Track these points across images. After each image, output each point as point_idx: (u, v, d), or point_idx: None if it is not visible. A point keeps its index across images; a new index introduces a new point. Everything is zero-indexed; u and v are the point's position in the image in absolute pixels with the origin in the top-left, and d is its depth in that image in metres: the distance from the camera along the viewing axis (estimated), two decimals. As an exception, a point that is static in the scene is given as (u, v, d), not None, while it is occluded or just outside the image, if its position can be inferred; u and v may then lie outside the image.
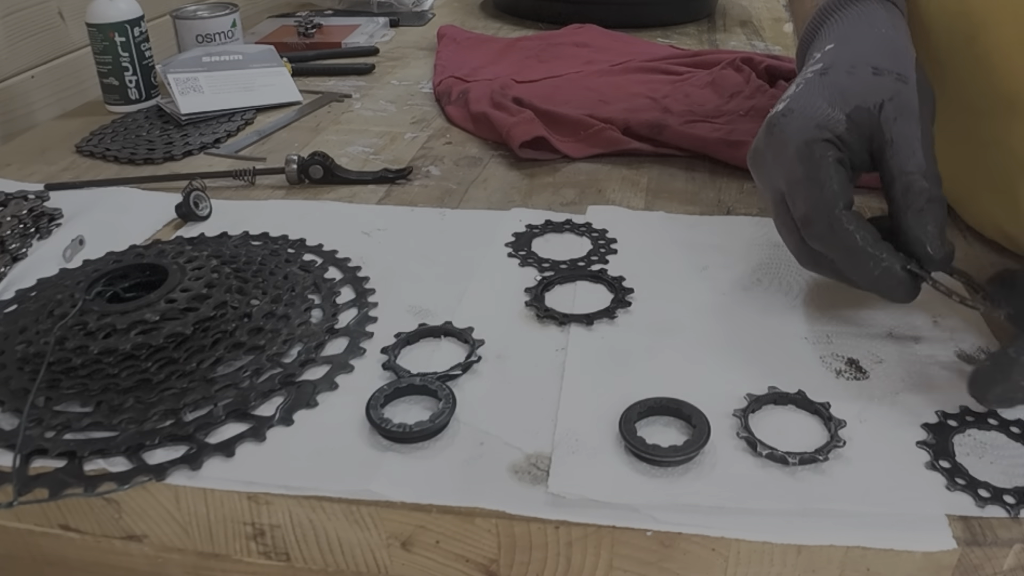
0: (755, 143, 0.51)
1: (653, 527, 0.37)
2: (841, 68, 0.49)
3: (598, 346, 0.49)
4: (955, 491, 0.39)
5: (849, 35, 0.52)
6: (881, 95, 0.47)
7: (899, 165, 0.46)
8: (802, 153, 0.46)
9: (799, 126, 0.47)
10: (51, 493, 0.40)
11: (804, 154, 0.46)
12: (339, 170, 0.72)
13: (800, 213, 0.46)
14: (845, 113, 0.47)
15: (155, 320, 0.46)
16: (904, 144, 0.46)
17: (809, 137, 0.46)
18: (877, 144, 0.47)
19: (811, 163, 0.46)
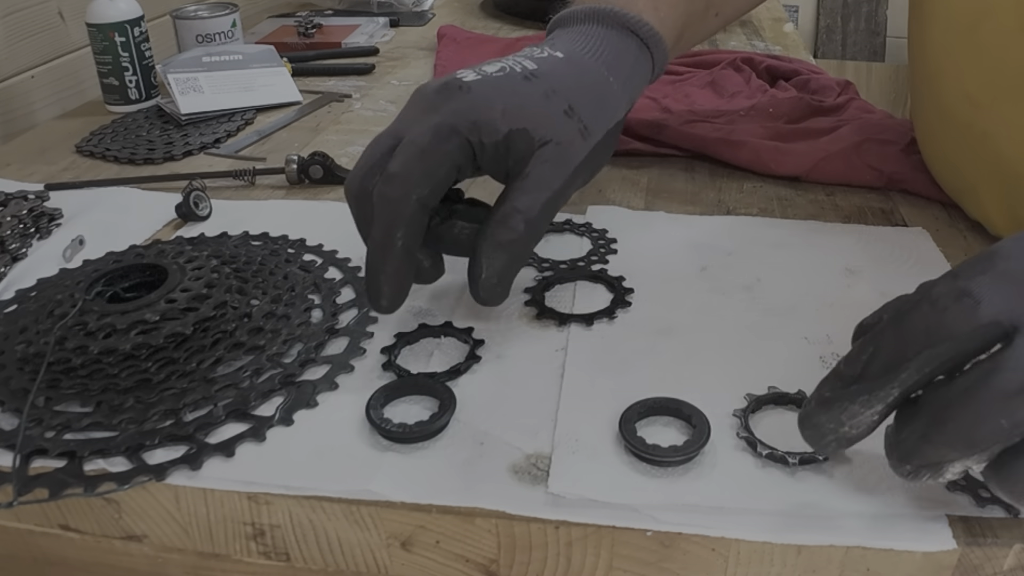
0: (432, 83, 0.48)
1: (653, 527, 0.37)
2: (543, 86, 0.47)
3: (598, 346, 0.49)
4: (955, 492, 0.39)
5: (580, 57, 0.51)
6: (552, 135, 0.46)
7: (516, 198, 0.45)
8: (442, 129, 0.45)
9: (465, 108, 0.45)
10: (51, 493, 0.40)
11: (443, 132, 0.45)
12: (339, 170, 0.72)
13: (392, 168, 0.44)
14: (508, 129, 0.45)
15: (155, 320, 0.46)
16: (534, 186, 0.45)
17: (463, 123, 0.45)
18: (516, 170, 0.46)
19: (441, 141, 0.44)
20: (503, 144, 0.45)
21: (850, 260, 0.57)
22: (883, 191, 0.69)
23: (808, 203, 0.67)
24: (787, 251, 0.59)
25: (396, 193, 0.44)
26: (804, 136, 0.75)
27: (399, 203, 0.44)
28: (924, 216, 0.65)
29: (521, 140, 0.45)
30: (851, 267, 0.57)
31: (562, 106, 0.47)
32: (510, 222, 0.44)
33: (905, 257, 0.58)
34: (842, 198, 0.68)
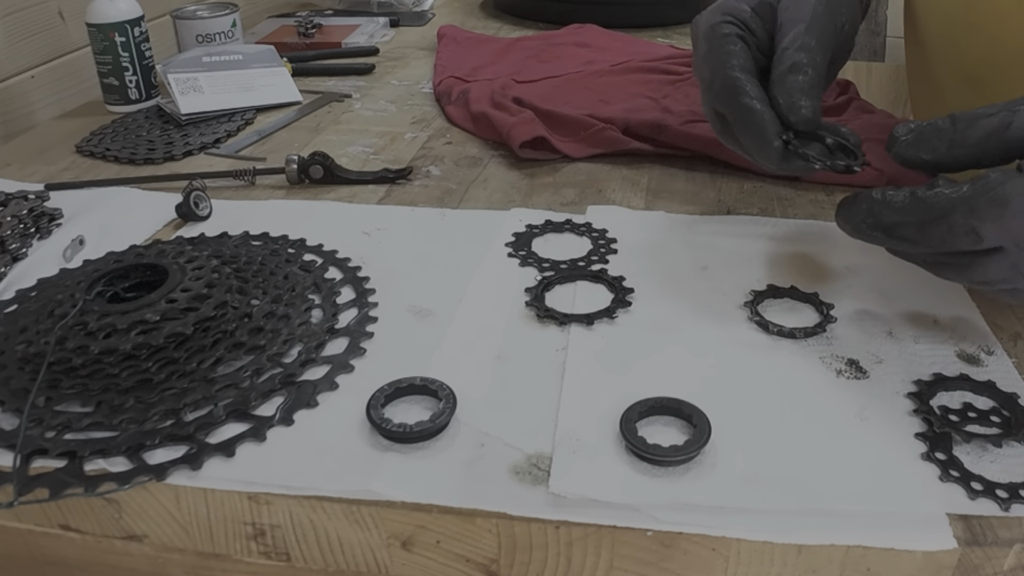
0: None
1: (654, 527, 0.37)
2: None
3: (598, 346, 0.49)
4: (948, 482, 0.39)
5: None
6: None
7: (780, 42, 0.52)
8: (707, 33, 0.54)
9: (709, 16, 0.56)
10: (51, 493, 0.40)
11: (708, 34, 0.54)
12: (339, 170, 0.72)
13: (705, 78, 0.54)
14: (750, 6, 0.55)
15: (155, 320, 0.46)
16: (789, 26, 0.53)
17: (715, 21, 0.55)
18: (773, 28, 0.54)
19: (713, 38, 0.54)
20: (755, 17, 0.54)
21: (850, 260, 0.58)
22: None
23: (808, 203, 0.67)
24: (787, 251, 0.59)
25: (719, 83, 0.52)
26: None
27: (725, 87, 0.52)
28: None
29: (764, 7, 0.54)
30: (850, 267, 0.57)
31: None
32: (782, 58, 0.51)
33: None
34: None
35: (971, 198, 0.40)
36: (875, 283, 0.55)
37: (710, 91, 0.53)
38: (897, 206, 0.44)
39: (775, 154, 0.50)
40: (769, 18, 0.54)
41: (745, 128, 0.51)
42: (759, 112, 0.50)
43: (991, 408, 0.44)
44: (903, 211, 0.43)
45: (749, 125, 0.51)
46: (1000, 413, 0.44)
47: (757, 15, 0.54)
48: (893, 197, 0.44)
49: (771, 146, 0.50)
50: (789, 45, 0.51)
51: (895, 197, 0.44)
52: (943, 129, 0.43)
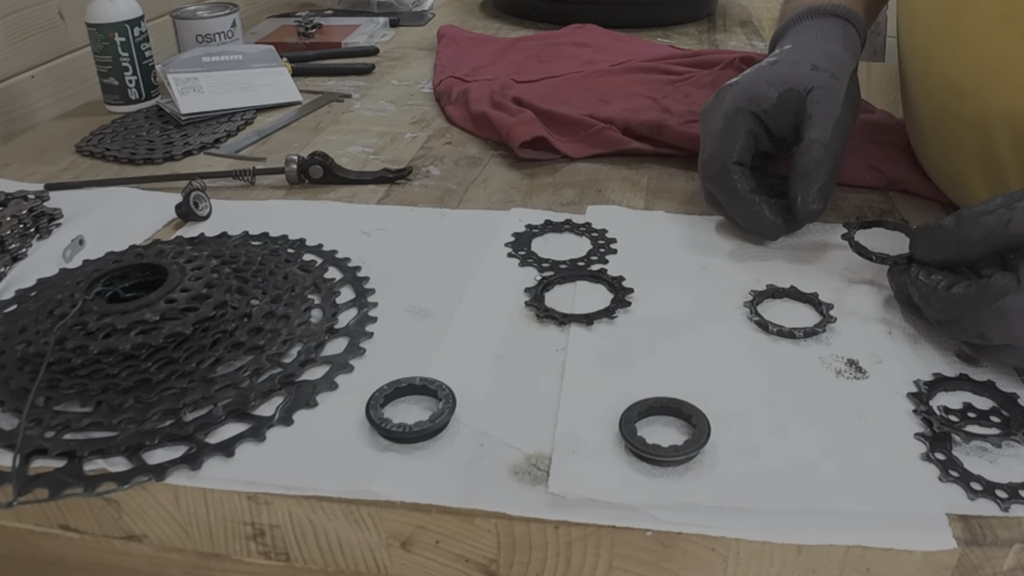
0: (706, 102, 0.62)
1: (653, 527, 0.37)
2: (787, 62, 0.60)
3: (598, 346, 0.49)
4: (947, 483, 0.39)
5: (804, 41, 0.64)
6: (812, 83, 0.58)
7: (808, 134, 0.56)
8: (727, 114, 0.58)
9: (736, 95, 0.59)
10: (51, 493, 0.40)
11: (728, 115, 0.58)
12: (339, 170, 0.72)
13: (705, 157, 0.59)
14: (778, 92, 0.58)
15: (155, 320, 0.46)
16: (819, 120, 0.56)
17: (739, 105, 0.58)
18: (799, 120, 0.58)
19: (728, 123, 0.58)
20: (779, 106, 0.58)
21: (849, 260, 0.57)
22: (883, 191, 0.69)
23: (808, 203, 0.67)
24: (787, 251, 0.59)
25: (713, 171, 0.58)
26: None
27: (719, 178, 0.58)
28: (924, 216, 0.65)
29: (791, 96, 0.57)
30: (850, 267, 0.57)
31: (808, 66, 0.59)
32: (810, 151, 0.56)
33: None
34: (842, 198, 0.68)
35: (976, 306, 0.44)
36: (875, 283, 0.55)
37: (706, 171, 0.59)
38: (919, 293, 0.48)
39: (775, 232, 0.58)
40: (793, 105, 0.58)
41: (738, 212, 0.58)
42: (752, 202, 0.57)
43: (991, 408, 0.44)
44: (924, 301, 0.47)
45: (742, 210, 0.58)
46: (1000, 413, 0.44)
47: (782, 102, 0.58)
48: (922, 284, 0.47)
49: (768, 225, 0.57)
50: (818, 139, 0.56)
51: (923, 285, 0.47)
52: (950, 230, 0.46)
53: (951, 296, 0.45)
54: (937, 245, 0.47)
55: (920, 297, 0.48)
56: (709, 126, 0.60)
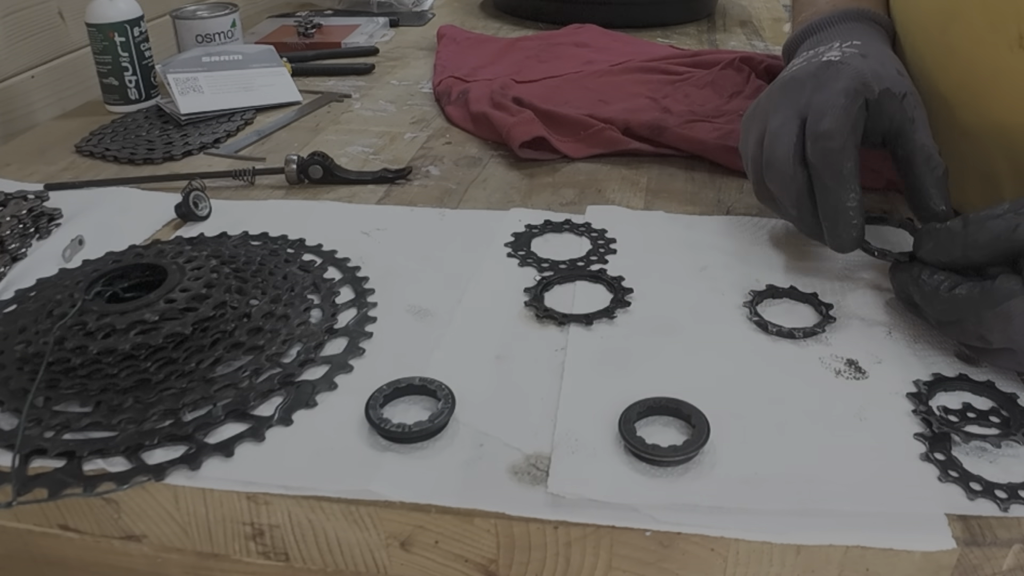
0: (796, 71, 0.57)
1: (652, 527, 0.37)
2: (876, 58, 0.56)
3: (597, 346, 0.49)
4: (946, 483, 0.39)
5: (873, 41, 0.59)
6: (904, 88, 0.54)
7: (922, 140, 0.52)
8: (849, 91, 0.52)
9: (852, 74, 0.54)
10: (50, 493, 0.40)
11: (850, 92, 0.52)
12: (339, 170, 0.72)
13: (824, 128, 0.51)
14: (878, 89, 0.53)
15: (154, 320, 0.46)
16: (923, 126, 0.53)
17: (859, 84, 0.53)
18: (898, 123, 0.53)
19: (852, 99, 0.52)
20: (877, 102, 0.53)
21: (849, 260, 0.57)
22: (883, 191, 0.69)
23: (808, 203, 0.67)
24: (787, 251, 0.59)
25: (836, 144, 0.51)
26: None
27: (840, 152, 0.51)
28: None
29: (888, 97, 0.53)
30: (849, 267, 0.57)
31: (894, 69, 0.56)
32: (933, 156, 0.52)
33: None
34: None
35: (979, 308, 0.43)
36: (874, 283, 0.55)
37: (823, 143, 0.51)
38: (920, 295, 0.47)
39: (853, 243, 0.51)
40: (888, 107, 0.53)
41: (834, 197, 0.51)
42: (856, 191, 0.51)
43: (990, 408, 0.44)
44: (925, 301, 0.47)
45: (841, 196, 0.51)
46: (999, 413, 0.44)
47: (881, 100, 0.53)
48: (925, 284, 0.47)
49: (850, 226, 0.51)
50: (929, 144, 0.52)
51: (926, 285, 0.47)
52: (957, 233, 0.46)
53: (954, 297, 0.45)
54: (942, 246, 0.46)
55: (922, 297, 0.47)
56: (825, 98, 0.53)
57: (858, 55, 0.56)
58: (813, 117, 0.52)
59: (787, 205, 0.54)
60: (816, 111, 0.52)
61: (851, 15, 0.63)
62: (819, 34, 0.64)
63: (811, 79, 0.55)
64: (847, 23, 0.63)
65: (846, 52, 0.57)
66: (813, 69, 0.56)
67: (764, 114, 0.57)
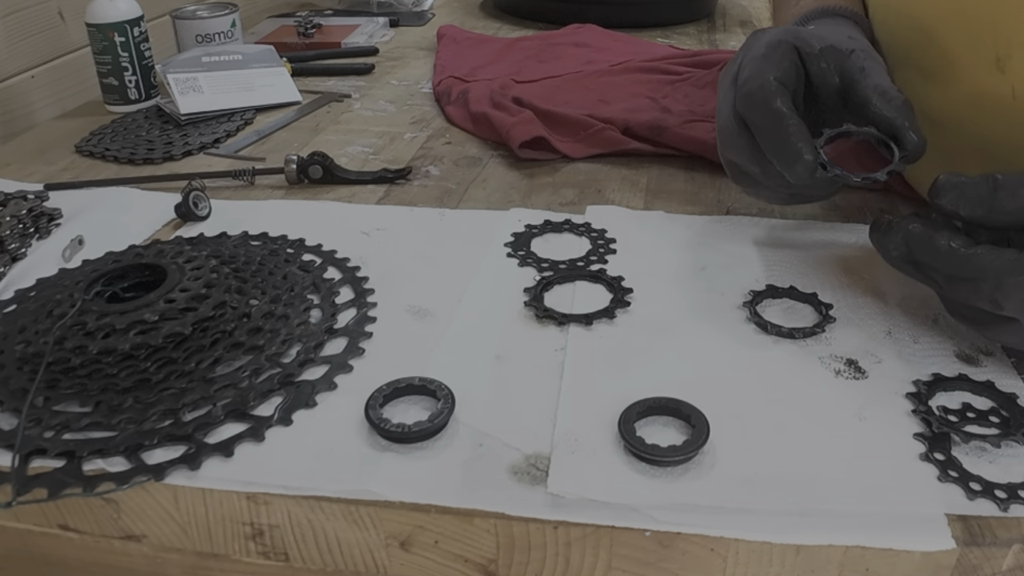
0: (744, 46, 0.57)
1: (652, 527, 0.37)
2: (824, 28, 0.57)
3: (597, 346, 0.49)
4: (946, 483, 0.39)
5: (828, 24, 0.61)
6: (854, 46, 0.54)
7: (874, 83, 0.52)
8: (771, 43, 0.53)
9: (779, 32, 0.55)
10: (50, 493, 0.40)
11: (771, 43, 0.53)
12: (338, 170, 0.72)
13: (743, 77, 0.52)
14: (819, 46, 0.54)
15: (154, 320, 0.46)
16: (875, 73, 0.52)
17: (782, 37, 0.54)
18: (848, 75, 0.53)
19: (772, 49, 0.53)
20: (821, 57, 0.53)
21: (849, 260, 0.58)
22: (883, 192, 0.69)
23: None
24: (786, 251, 0.59)
25: (754, 85, 0.51)
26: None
27: (761, 90, 0.51)
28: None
29: (834, 52, 0.54)
30: (850, 267, 0.57)
31: (844, 36, 0.56)
32: (889, 89, 0.51)
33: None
34: (842, 198, 0.68)
35: (1000, 273, 0.42)
36: (874, 283, 0.55)
37: (743, 90, 0.52)
38: (933, 251, 0.45)
39: (807, 169, 0.49)
40: (836, 62, 0.53)
41: (774, 137, 0.50)
42: (791, 119, 0.49)
43: (990, 408, 0.44)
44: (937, 258, 0.44)
45: (779, 134, 0.50)
46: (999, 413, 0.44)
47: (824, 55, 0.53)
48: (933, 240, 0.44)
49: (803, 158, 0.49)
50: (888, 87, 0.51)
51: (935, 240, 0.44)
52: (984, 194, 0.43)
53: (974, 256, 0.43)
54: (967, 202, 0.44)
55: (933, 252, 0.45)
56: (749, 54, 0.54)
57: (798, 24, 0.57)
58: (740, 73, 0.54)
59: (748, 165, 0.54)
60: (741, 66, 0.54)
61: (816, 13, 0.63)
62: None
63: (741, 51, 0.56)
64: (810, 23, 0.63)
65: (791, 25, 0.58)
66: (742, 46, 0.57)
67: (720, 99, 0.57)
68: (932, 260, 0.45)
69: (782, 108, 0.50)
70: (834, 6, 0.64)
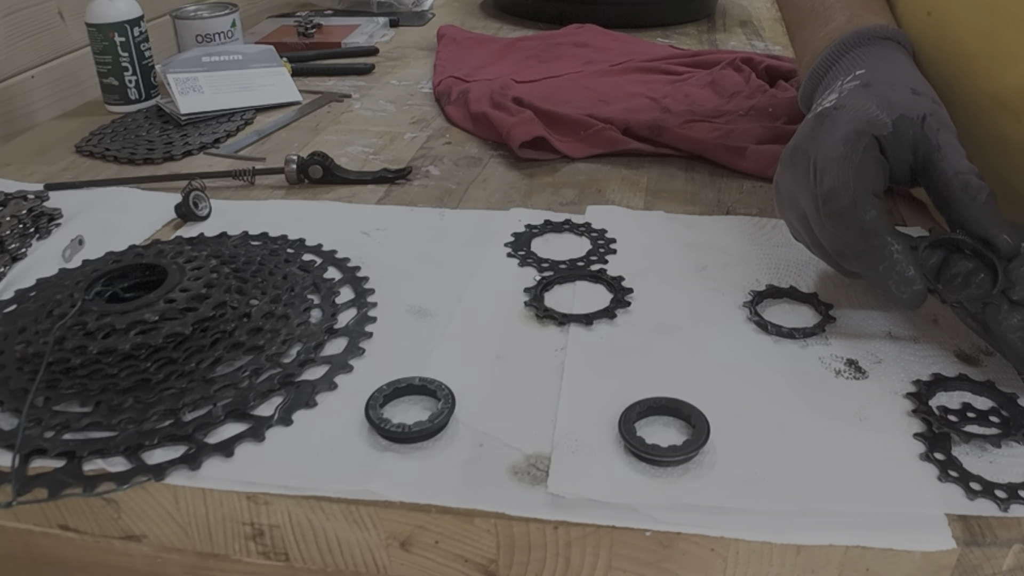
0: (796, 139, 0.51)
1: (652, 527, 0.37)
2: (883, 83, 0.50)
3: (598, 346, 0.49)
4: (946, 483, 0.39)
5: (879, 63, 0.53)
6: (923, 109, 0.48)
7: (952, 167, 0.46)
8: (848, 137, 0.46)
9: (850, 118, 0.48)
10: (50, 493, 0.40)
11: (850, 138, 0.46)
12: (339, 170, 0.72)
13: (826, 188, 0.46)
14: (891, 119, 0.47)
15: (154, 320, 0.46)
16: (952, 150, 0.47)
17: (859, 127, 0.47)
18: (923, 152, 0.47)
19: (853, 146, 0.46)
20: (896, 134, 0.47)
21: (850, 260, 0.58)
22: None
23: (808, 203, 0.67)
24: (786, 251, 0.59)
25: (844, 203, 0.45)
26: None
27: (852, 210, 0.45)
28: (923, 216, 0.65)
29: (905, 123, 0.47)
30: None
31: (907, 90, 0.50)
32: (971, 181, 0.46)
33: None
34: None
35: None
36: (874, 283, 0.55)
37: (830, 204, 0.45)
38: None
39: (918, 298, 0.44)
40: (909, 135, 0.47)
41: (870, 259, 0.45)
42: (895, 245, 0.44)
43: (990, 408, 0.44)
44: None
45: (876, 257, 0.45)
46: (999, 413, 0.44)
47: (898, 130, 0.47)
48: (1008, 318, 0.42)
49: (905, 281, 0.44)
50: (968, 171, 0.46)
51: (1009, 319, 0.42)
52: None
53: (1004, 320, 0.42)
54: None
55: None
56: (826, 152, 0.47)
57: (859, 87, 0.50)
58: (817, 180, 0.47)
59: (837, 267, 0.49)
60: (820, 171, 0.47)
61: (850, 43, 0.57)
62: (826, 76, 0.58)
63: (810, 143, 0.49)
64: (848, 53, 0.57)
65: (845, 90, 0.51)
66: (808, 130, 0.50)
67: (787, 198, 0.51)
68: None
69: (884, 236, 0.44)
70: (875, 27, 0.57)
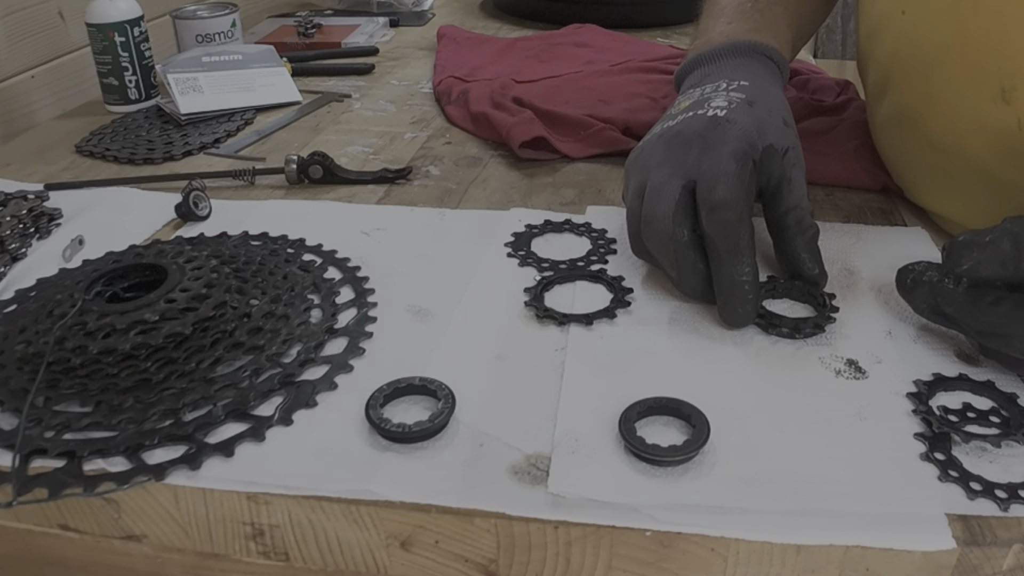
0: (681, 126, 0.54)
1: (653, 527, 0.37)
2: (763, 107, 0.55)
3: (598, 346, 0.49)
4: (947, 482, 0.39)
5: (762, 83, 0.58)
6: (788, 143, 0.54)
7: (795, 200, 0.53)
8: (738, 155, 0.50)
9: (738, 135, 0.52)
10: (50, 493, 0.40)
11: (739, 157, 0.50)
12: (339, 170, 0.72)
13: (719, 197, 0.49)
14: (763, 145, 0.52)
15: (154, 320, 0.46)
16: (799, 185, 0.53)
17: (747, 145, 0.51)
18: (775, 181, 0.53)
19: (743, 165, 0.50)
20: (761, 160, 0.52)
21: (849, 260, 0.58)
22: (883, 192, 0.69)
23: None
24: (787, 251, 0.59)
25: (732, 216, 0.49)
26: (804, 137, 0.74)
27: (737, 224, 0.49)
28: (923, 216, 0.65)
29: (772, 152, 0.52)
30: (850, 267, 0.57)
31: (780, 119, 0.55)
32: (804, 218, 0.53)
33: (904, 257, 0.58)
34: (842, 198, 0.68)
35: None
36: (875, 283, 0.55)
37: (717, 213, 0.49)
38: (959, 307, 0.45)
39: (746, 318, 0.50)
40: (770, 164, 0.52)
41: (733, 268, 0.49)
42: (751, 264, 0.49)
43: (990, 408, 0.44)
44: (967, 313, 0.45)
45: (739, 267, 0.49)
46: (999, 413, 0.44)
47: (764, 157, 0.52)
48: (959, 296, 0.45)
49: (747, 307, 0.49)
50: (806, 207, 0.53)
51: (963, 297, 0.44)
52: (1009, 254, 0.42)
53: (1001, 313, 0.43)
54: (993, 263, 0.43)
55: (960, 309, 0.45)
56: (714, 163, 0.50)
57: (744, 103, 0.54)
58: (705, 184, 0.50)
59: (665, 265, 0.52)
60: (707, 178, 0.50)
61: (742, 49, 0.61)
62: (707, 67, 0.61)
63: (697, 139, 0.52)
64: (736, 58, 0.60)
65: (732, 99, 0.55)
66: (699, 127, 0.53)
67: (645, 167, 0.54)
68: (961, 316, 0.45)
69: (748, 250, 0.49)
70: (767, 47, 0.61)
